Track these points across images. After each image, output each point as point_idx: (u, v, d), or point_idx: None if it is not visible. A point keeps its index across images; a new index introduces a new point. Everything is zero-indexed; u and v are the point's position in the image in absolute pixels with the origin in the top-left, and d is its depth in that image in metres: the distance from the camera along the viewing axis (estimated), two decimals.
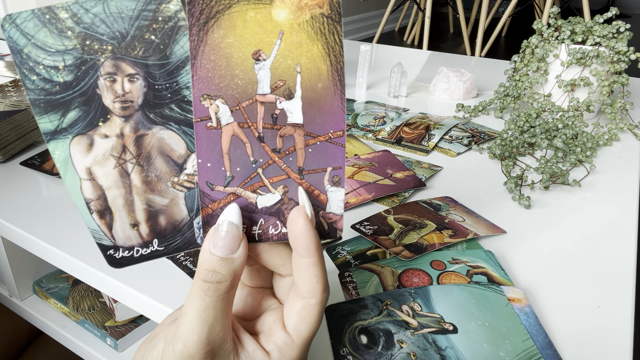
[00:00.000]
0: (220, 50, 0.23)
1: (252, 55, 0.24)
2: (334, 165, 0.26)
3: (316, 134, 0.25)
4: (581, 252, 0.45)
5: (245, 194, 0.26)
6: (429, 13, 2.52)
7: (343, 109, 0.25)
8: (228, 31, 0.23)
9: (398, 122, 0.72)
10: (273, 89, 0.24)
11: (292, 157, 0.26)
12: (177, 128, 0.24)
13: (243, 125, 0.25)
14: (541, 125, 0.68)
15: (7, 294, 0.56)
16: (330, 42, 0.23)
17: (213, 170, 0.25)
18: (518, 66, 0.81)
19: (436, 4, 4.00)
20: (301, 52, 0.24)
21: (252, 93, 0.24)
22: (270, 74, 0.24)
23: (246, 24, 0.23)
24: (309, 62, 0.24)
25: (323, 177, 0.26)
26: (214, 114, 0.24)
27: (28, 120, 0.61)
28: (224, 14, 0.23)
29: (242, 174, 0.25)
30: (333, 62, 0.24)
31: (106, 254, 0.26)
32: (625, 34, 0.73)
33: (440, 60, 1.19)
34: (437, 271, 0.40)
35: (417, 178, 0.56)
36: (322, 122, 0.25)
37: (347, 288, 0.38)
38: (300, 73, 0.24)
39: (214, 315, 0.24)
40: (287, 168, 0.26)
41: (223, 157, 0.25)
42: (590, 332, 0.35)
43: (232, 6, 0.23)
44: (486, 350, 0.32)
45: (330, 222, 0.27)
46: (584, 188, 0.57)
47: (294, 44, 0.23)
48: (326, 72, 0.24)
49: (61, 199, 0.50)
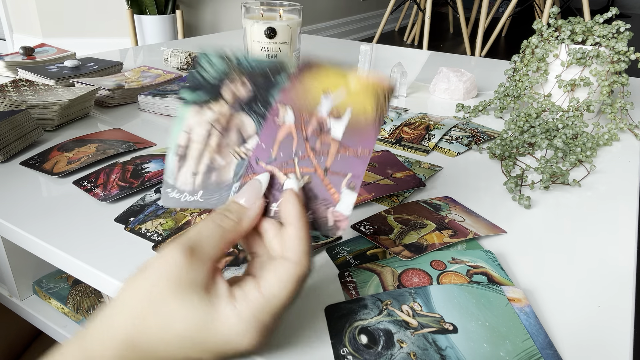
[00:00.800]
0: (304, 84, 0.34)
1: (322, 91, 0.33)
2: (353, 173, 0.32)
3: (348, 146, 0.32)
4: (581, 252, 0.45)
5: (278, 174, 0.33)
6: (429, 13, 2.52)
7: (374, 137, 0.32)
8: (314, 77, 0.34)
9: (398, 122, 0.72)
10: (329, 114, 0.33)
11: (324, 158, 0.32)
12: (255, 117, 0.35)
13: (298, 127, 0.33)
14: (541, 125, 0.68)
15: (7, 294, 0.56)
16: (380, 101, 0.32)
17: (264, 151, 0.33)
18: (518, 66, 0.81)
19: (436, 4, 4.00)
20: (358, 99, 0.33)
21: (313, 110, 0.33)
22: (331, 104, 0.33)
23: (327, 76, 0.33)
24: (359, 104, 0.32)
25: (342, 180, 0.32)
26: (283, 115, 0.34)
27: (28, 120, 0.61)
28: (316, 67, 0.34)
29: (283, 159, 0.33)
30: (377, 111, 0.32)
31: (165, 190, 0.35)
32: (625, 34, 0.73)
33: (440, 60, 1.19)
34: (437, 271, 0.40)
35: (417, 178, 0.56)
36: (355, 141, 0.32)
37: (347, 288, 0.38)
38: (351, 108, 0.33)
39: (211, 233, 0.29)
40: (317, 165, 0.32)
41: (274, 144, 0.33)
42: (590, 332, 0.35)
43: (322, 65, 0.33)
44: (486, 350, 0.32)
45: (336, 220, 0.32)
46: (584, 188, 0.57)
47: (354, 92, 0.33)
48: (371, 113, 0.32)
49: (61, 199, 0.50)
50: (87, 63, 0.90)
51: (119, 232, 0.45)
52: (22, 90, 0.71)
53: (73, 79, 0.81)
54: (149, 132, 0.68)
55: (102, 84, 0.78)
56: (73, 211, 0.48)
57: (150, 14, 2.25)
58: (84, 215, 0.47)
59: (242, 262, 0.40)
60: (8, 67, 0.88)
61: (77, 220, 0.46)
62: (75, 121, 0.71)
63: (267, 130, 0.34)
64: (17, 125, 0.59)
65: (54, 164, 0.56)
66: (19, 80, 0.74)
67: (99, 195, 0.50)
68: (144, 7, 2.25)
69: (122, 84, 0.81)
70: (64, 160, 0.57)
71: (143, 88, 0.81)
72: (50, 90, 0.72)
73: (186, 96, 0.35)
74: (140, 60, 1.09)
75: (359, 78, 0.32)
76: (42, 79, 0.80)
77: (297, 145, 0.33)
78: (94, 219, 0.46)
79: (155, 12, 2.25)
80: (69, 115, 0.69)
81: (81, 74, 0.84)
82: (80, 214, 0.47)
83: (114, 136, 0.64)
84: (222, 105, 0.35)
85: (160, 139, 0.65)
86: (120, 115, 0.74)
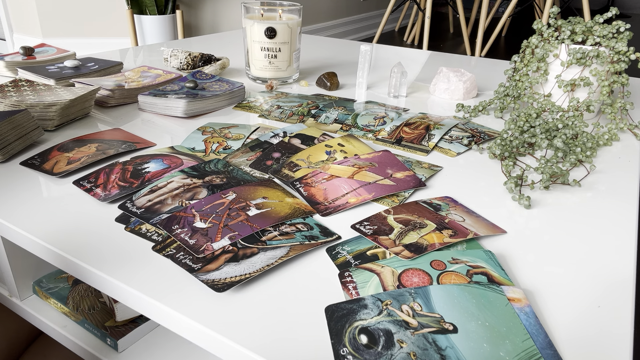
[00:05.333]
0: (255, 189, 0.51)
1: (262, 197, 0.49)
2: (240, 233, 0.44)
3: (253, 223, 0.46)
4: (581, 252, 0.45)
5: (196, 214, 0.47)
6: (429, 13, 2.52)
7: (268, 224, 0.46)
8: (265, 190, 0.51)
9: (398, 122, 0.72)
10: (256, 204, 0.48)
11: (230, 220, 0.46)
12: (209, 192, 0.51)
13: (232, 202, 0.48)
14: (541, 125, 0.68)
15: (7, 294, 0.56)
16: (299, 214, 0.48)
17: (200, 204, 0.48)
18: (518, 66, 0.81)
19: (436, 4, 4.00)
20: (280, 207, 0.48)
21: (248, 199, 0.49)
22: (262, 201, 0.48)
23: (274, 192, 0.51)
24: (279, 209, 0.48)
25: (230, 233, 0.44)
26: (227, 195, 0.49)
27: (28, 120, 0.61)
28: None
29: (207, 212, 0.47)
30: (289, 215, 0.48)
31: (127, 203, 0.49)
32: (625, 34, 0.73)
33: (440, 60, 1.19)
34: (437, 271, 0.40)
35: (417, 178, 0.56)
36: (259, 221, 0.46)
37: (347, 288, 0.38)
38: (271, 209, 0.48)
39: None
40: (222, 221, 0.46)
41: (210, 203, 0.48)
42: (590, 332, 0.35)
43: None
44: (486, 350, 0.32)
45: (206, 248, 0.42)
46: (584, 188, 0.57)
47: (280, 204, 0.49)
48: (281, 215, 0.47)
49: (61, 199, 0.50)
50: (87, 63, 0.90)
51: (119, 232, 0.45)
52: (22, 90, 0.71)
53: (73, 79, 0.81)
54: (149, 132, 0.68)
55: (102, 84, 0.78)
56: (73, 211, 0.48)
57: (150, 14, 2.25)
58: (84, 216, 0.47)
59: (241, 258, 0.40)
60: (8, 67, 0.88)
61: (77, 220, 0.46)
62: (75, 121, 0.71)
63: (212, 198, 0.49)
64: (17, 125, 0.59)
65: (54, 164, 0.56)
66: (19, 80, 0.74)
67: (99, 195, 0.50)
68: (144, 7, 2.25)
69: (122, 84, 0.81)
70: (64, 160, 0.57)
71: (143, 88, 0.81)
72: (50, 90, 0.72)
73: (185, 169, 0.54)
74: (140, 60, 1.09)
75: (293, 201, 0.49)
76: (42, 79, 0.80)
77: (222, 209, 0.47)
78: (94, 219, 0.46)
79: (155, 12, 2.25)
80: (69, 115, 0.69)
81: (81, 74, 0.84)
82: (80, 214, 0.47)
83: (114, 136, 0.64)
84: (197, 181, 0.52)
85: (160, 139, 0.65)
86: (120, 115, 0.74)
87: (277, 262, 0.40)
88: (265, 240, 0.43)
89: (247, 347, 0.33)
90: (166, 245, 0.42)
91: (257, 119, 0.75)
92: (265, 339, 0.34)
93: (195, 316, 0.35)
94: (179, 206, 0.48)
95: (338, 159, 0.59)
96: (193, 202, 0.48)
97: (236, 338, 0.33)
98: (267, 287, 0.38)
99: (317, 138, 0.65)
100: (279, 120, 0.75)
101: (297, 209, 0.48)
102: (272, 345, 0.33)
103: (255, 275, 0.39)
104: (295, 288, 0.38)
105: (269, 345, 0.33)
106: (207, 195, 0.49)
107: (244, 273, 0.39)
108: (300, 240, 0.43)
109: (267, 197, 0.49)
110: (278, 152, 0.61)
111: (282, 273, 0.40)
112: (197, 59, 0.97)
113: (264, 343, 0.33)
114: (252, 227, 0.44)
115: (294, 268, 0.41)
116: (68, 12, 2.29)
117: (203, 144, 0.63)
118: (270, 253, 0.41)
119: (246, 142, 0.64)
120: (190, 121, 0.73)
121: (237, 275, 0.38)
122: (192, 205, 0.47)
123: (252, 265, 0.40)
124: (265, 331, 0.34)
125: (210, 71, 0.93)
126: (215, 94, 0.78)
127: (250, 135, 0.66)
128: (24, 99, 0.67)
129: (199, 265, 0.39)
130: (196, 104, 0.75)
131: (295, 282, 0.39)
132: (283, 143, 0.63)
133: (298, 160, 0.59)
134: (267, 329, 0.34)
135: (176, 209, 0.47)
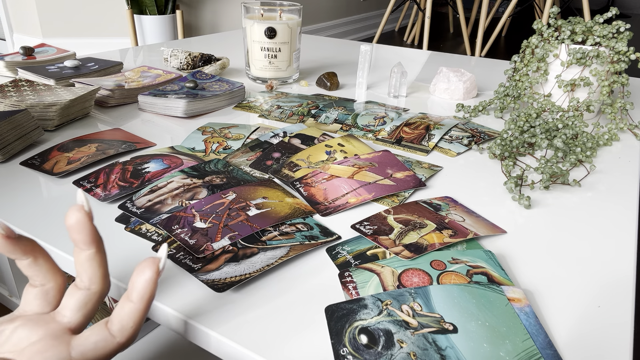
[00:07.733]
0: (255, 189, 0.51)
1: (262, 197, 0.49)
2: (240, 233, 0.44)
3: (253, 223, 0.45)
4: (581, 252, 0.45)
5: (196, 214, 0.46)
6: (429, 13, 2.52)
7: (266, 225, 0.46)
8: (265, 190, 0.51)
9: (398, 122, 0.72)
10: (256, 204, 0.48)
11: (230, 220, 0.46)
12: (209, 192, 0.51)
13: (232, 202, 0.48)
14: (541, 125, 0.68)
15: (7, 294, 0.56)
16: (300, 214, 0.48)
17: (200, 204, 0.48)
18: (518, 66, 0.81)
19: (436, 4, 4.00)
20: (280, 207, 0.48)
21: (248, 199, 0.49)
22: (262, 201, 0.49)
23: (274, 192, 0.51)
24: (278, 209, 0.48)
25: (229, 233, 0.44)
26: (227, 195, 0.49)
27: (28, 120, 0.61)
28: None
29: (207, 212, 0.47)
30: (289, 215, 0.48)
31: (127, 203, 0.48)
32: (625, 34, 0.73)
33: (440, 60, 1.19)
34: (437, 271, 0.40)
35: (417, 178, 0.56)
36: (259, 222, 0.45)
37: (347, 288, 0.38)
38: (271, 208, 0.48)
39: None
40: (222, 221, 0.45)
41: (210, 203, 0.48)
42: (590, 332, 0.35)
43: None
44: (486, 350, 0.32)
45: (206, 248, 0.42)
46: (584, 188, 0.57)
47: (280, 204, 0.49)
48: (281, 215, 0.47)
49: (61, 199, 0.50)
50: (87, 63, 0.90)
51: (119, 232, 0.45)
52: (22, 90, 0.71)
53: (73, 79, 0.81)
54: (149, 132, 0.68)
55: (102, 84, 0.78)
56: None
57: (150, 14, 2.25)
58: None
59: (241, 258, 0.40)
60: (8, 67, 0.88)
61: None
62: (75, 121, 0.71)
63: (212, 198, 0.48)
64: (17, 125, 0.59)
65: (54, 164, 0.56)
66: (19, 80, 0.74)
67: (99, 195, 0.50)
68: (144, 7, 2.25)
69: (122, 84, 0.81)
70: (64, 160, 0.57)
71: (143, 88, 0.81)
72: (50, 90, 0.72)
73: (185, 169, 0.54)
74: (140, 60, 1.09)
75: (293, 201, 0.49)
76: (42, 79, 0.80)
77: (222, 209, 0.46)
78: (94, 219, 0.46)
79: (155, 12, 2.25)
80: (69, 115, 0.69)
81: (81, 74, 0.84)
82: None
83: (114, 136, 0.64)
84: (197, 181, 0.52)
85: (160, 139, 0.65)
86: (120, 115, 0.74)
87: (277, 262, 0.40)
88: (265, 240, 0.43)
89: (247, 347, 0.33)
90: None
91: (257, 119, 0.75)
92: (265, 339, 0.34)
93: (195, 316, 0.35)
94: (179, 206, 0.48)
95: (338, 159, 0.59)
96: (193, 202, 0.48)
97: (236, 338, 0.33)
98: (267, 287, 0.38)
99: (317, 138, 0.65)
100: (279, 120, 0.75)
101: (297, 209, 0.48)
102: (272, 345, 0.33)
103: (255, 275, 0.39)
104: (295, 288, 0.38)
105: (269, 345, 0.33)
106: (207, 195, 0.49)
107: (244, 273, 0.39)
108: (300, 240, 0.43)
109: (267, 197, 0.49)
110: (278, 152, 0.61)
111: (282, 273, 0.40)
112: (197, 59, 0.97)
113: (264, 343, 0.33)
114: (252, 227, 0.44)
115: (294, 268, 0.41)
116: (68, 12, 2.29)
117: (203, 144, 0.63)
118: (270, 253, 0.41)
119: (246, 142, 0.64)
120: (190, 121, 0.73)
121: (237, 275, 0.38)
122: (192, 205, 0.47)
123: (252, 265, 0.40)
124: (265, 331, 0.34)
125: (210, 71, 0.93)
126: (215, 94, 0.78)
127: (250, 135, 0.66)
128: (24, 99, 0.67)
129: (199, 265, 0.39)
130: (196, 104, 0.75)
131: (295, 282, 0.39)
132: (283, 143, 0.63)
133: (298, 160, 0.59)
134: (267, 329, 0.34)
135: (176, 209, 0.47)
